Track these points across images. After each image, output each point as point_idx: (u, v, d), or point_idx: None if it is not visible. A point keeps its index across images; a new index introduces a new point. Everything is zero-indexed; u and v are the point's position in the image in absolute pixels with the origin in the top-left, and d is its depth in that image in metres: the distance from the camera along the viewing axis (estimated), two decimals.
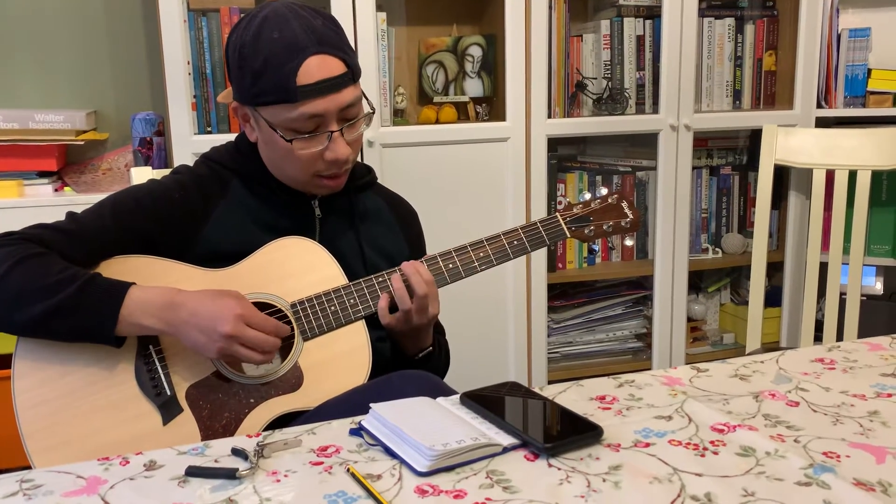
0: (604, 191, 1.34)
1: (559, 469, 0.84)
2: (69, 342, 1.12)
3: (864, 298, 2.14)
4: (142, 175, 1.48)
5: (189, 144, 1.97)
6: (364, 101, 1.23)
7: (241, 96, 1.21)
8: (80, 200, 1.96)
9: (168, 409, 1.14)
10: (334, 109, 1.17)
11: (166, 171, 1.35)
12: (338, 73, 1.16)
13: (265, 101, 1.17)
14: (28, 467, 1.01)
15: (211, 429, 1.14)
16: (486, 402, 0.97)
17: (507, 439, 0.89)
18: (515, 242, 1.28)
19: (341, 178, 1.25)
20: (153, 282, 1.15)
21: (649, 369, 2.36)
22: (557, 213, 1.31)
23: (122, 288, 1.11)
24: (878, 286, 2.35)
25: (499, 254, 1.27)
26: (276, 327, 1.14)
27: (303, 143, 1.19)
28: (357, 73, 1.20)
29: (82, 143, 2.11)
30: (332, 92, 1.16)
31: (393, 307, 1.23)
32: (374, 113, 1.25)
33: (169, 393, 1.15)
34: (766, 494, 0.78)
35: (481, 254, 1.26)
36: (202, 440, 1.13)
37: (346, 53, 1.19)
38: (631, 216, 1.33)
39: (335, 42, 1.18)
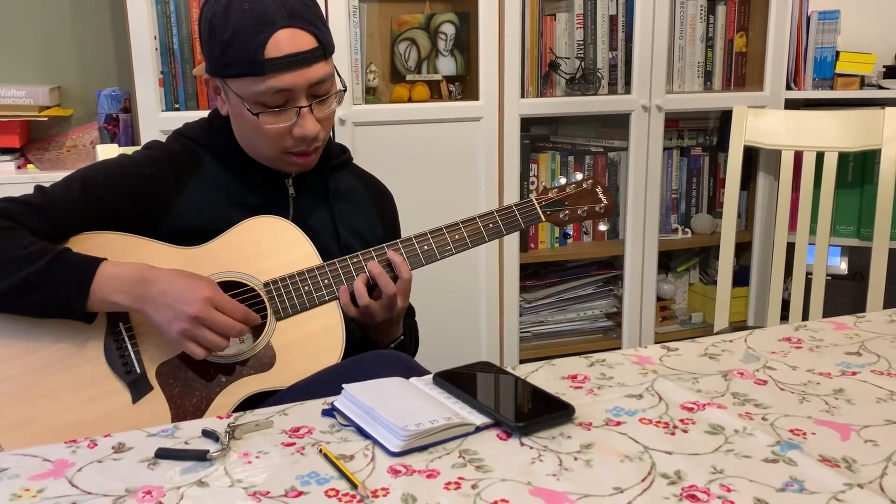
0: (579, 176, 1.34)
1: (531, 448, 0.85)
2: (38, 318, 1.10)
3: (830, 278, 2.17)
4: (109, 152, 1.45)
5: (156, 121, 1.93)
6: (336, 77, 1.22)
7: (212, 68, 1.19)
8: (44, 178, 1.92)
9: (137, 388, 1.12)
10: (303, 85, 1.15)
11: (132, 149, 1.32)
12: (308, 48, 1.14)
13: (233, 73, 1.15)
14: None
15: (181, 407, 1.13)
16: (459, 381, 0.97)
17: (479, 419, 0.89)
18: (491, 225, 1.27)
19: (311, 157, 1.24)
20: (124, 258, 1.13)
21: (619, 348, 2.39)
22: (533, 198, 1.31)
23: (93, 263, 1.09)
24: (842, 266, 2.39)
25: (474, 236, 1.27)
26: (245, 313, 1.12)
27: (270, 117, 1.17)
28: (329, 48, 1.19)
29: (46, 119, 2.06)
30: (301, 67, 1.14)
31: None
32: (345, 91, 1.24)
33: (139, 371, 1.13)
34: (734, 471, 0.80)
35: (456, 236, 1.26)
36: (172, 419, 1.12)
37: (318, 28, 1.17)
38: (605, 201, 1.33)
39: (307, 16, 1.16)
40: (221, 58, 1.15)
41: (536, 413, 0.91)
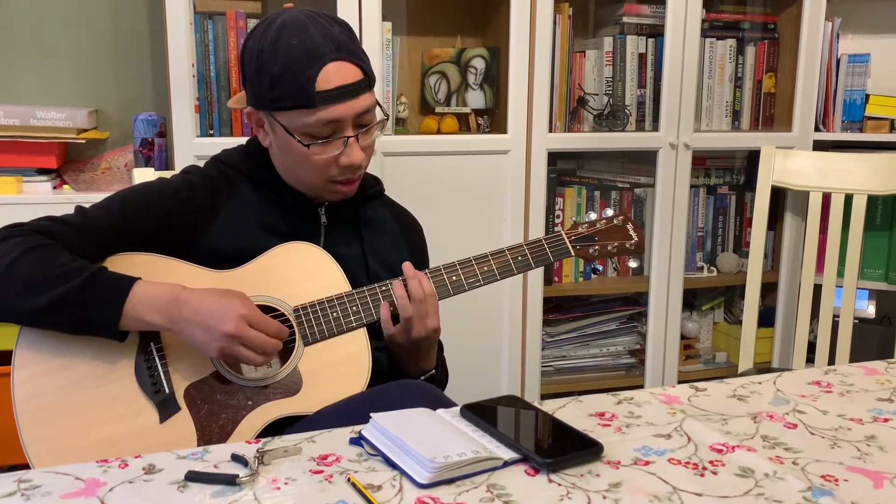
0: (609, 212, 1.35)
1: (559, 485, 0.84)
2: (72, 334, 1.12)
3: (857, 321, 2.15)
4: (144, 176, 1.48)
5: (191, 147, 1.96)
6: (377, 107, 1.24)
7: (258, 101, 1.22)
8: (79, 199, 1.95)
9: (165, 408, 1.14)
10: (351, 115, 1.19)
11: (167, 173, 1.35)
12: (355, 80, 1.18)
13: (283, 105, 1.18)
14: (25, 465, 1.00)
15: (207, 429, 1.14)
16: (487, 415, 0.97)
17: (507, 453, 0.89)
18: (520, 258, 1.28)
19: (354, 184, 1.27)
20: (158, 280, 1.15)
21: (642, 385, 2.37)
22: (563, 232, 1.32)
23: (127, 282, 1.11)
24: (870, 310, 2.37)
25: (503, 268, 1.27)
26: (277, 329, 1.14)
27: (319, 148, 1.20)
28: (373, 79, 1.22)
29: (83, 141, 2.10)
30: (350, 98, 1.17)
31: (395, 318, 1.23)
32: (387, 119, 1.27)
33: (167, 391, 1.14)
34: None
35: (485, 268, 1.27)
36: (198, 440, 1.13)
37: (363, 60, 1.20)
38: (636, 238, 1.34)
39: (352, 49, 1.19)
40: (271, 91, 1.18)
41: (565, 450, 0.91)
